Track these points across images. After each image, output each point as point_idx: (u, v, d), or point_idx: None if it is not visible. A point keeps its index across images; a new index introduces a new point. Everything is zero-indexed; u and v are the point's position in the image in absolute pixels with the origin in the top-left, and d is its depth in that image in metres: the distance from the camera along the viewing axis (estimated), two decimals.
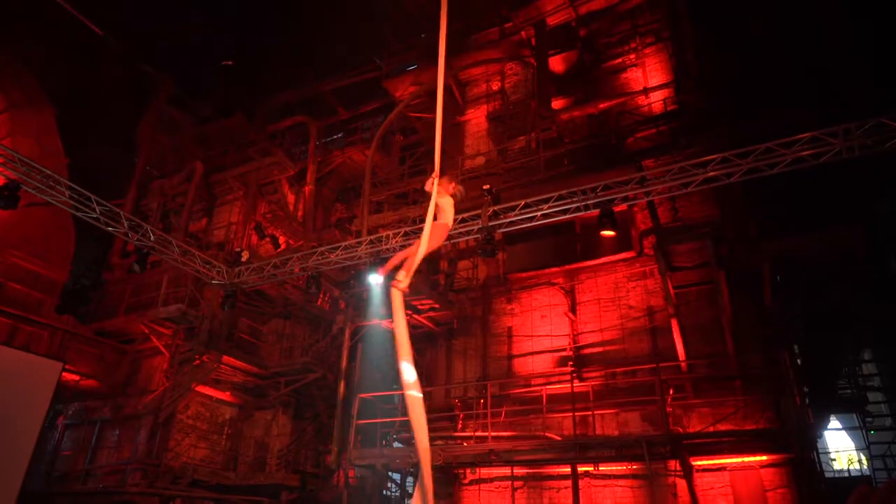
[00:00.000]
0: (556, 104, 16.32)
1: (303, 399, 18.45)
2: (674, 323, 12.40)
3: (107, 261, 19.72)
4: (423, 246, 5.49)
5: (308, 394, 18.20)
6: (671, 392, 12.30)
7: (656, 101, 15.24)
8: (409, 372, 5.18)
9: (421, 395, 5.22)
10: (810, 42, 13.24)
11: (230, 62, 22.42)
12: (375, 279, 13.32)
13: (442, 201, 5.66)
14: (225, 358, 16.37)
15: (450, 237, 12.36)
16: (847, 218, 11.34)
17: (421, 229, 5.72)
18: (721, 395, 11.87)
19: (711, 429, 11.68)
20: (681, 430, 11.91)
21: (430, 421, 15.40)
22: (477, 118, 18.15)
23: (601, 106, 15.41)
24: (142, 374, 17.19)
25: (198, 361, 16.05)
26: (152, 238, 12.86)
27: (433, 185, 5.70)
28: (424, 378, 15.66)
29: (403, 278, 5.38)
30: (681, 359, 12.30)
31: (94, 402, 17.02)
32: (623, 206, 12.24)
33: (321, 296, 18.47)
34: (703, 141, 12.54)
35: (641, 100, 15.51)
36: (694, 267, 12.92)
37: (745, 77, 13.40)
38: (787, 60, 13.15)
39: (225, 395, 17.38)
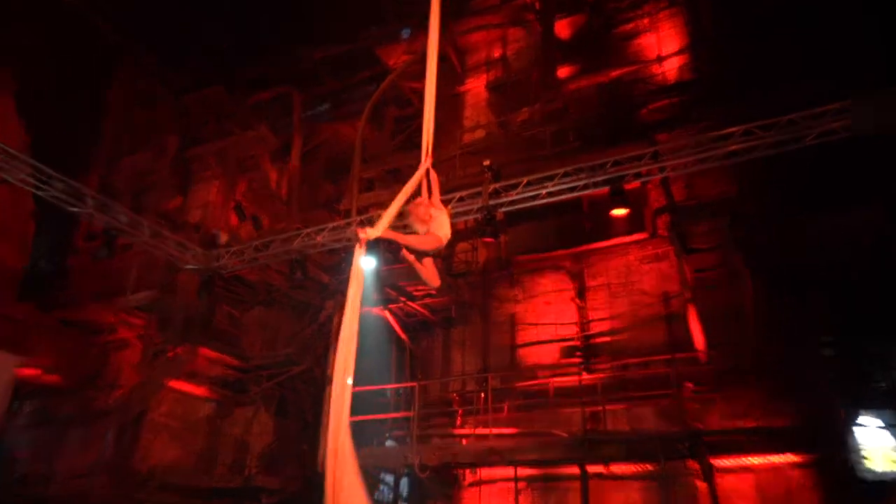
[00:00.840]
0: (563, 73, 16.26)
1: (287, 394, 18.41)
2: (691, 309, 12.45)
3: (71, 244, 19.60)
4: (403, 194, 5.43)
5: (293, 388, 18.18)
6: (688, 385, 12.25)
7: (671, 70, 15.22)
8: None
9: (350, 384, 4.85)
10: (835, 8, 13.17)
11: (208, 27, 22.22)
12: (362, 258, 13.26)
13: (437, 212, 5.57)
14: (201, 350, 16.35)
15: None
16: (869, 198, 11.34)
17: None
18: (743, 389, 11.79)
19: (733, 425, 11.57)
20: (700, 426, 11.78)
21: (425, 417, 15.44)
22: (476, 88, 18.09)
23: (611, 75, 15.39)
24: (110, 368, 17.13)
25: (172, 354, 16.03)
26: (121, 219, 12.77)
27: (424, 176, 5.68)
28: (420, 370, 15.70)
29: (374, 227, 5.12)
30: (699, 349, 12.31)
31: (58, 398, 16.97)
32: (635, 184, 12.20)
33: (307, 281, 18.42)
34: (721, 113, 12.48)
35: (655, 68, 15.47)
36: (712, 249, 12.97)
37: (764, 43, 13.34)
38: (810, 27, 13.08)
39: (201, 391, 17.29)
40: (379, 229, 5.11)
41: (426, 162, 5.96)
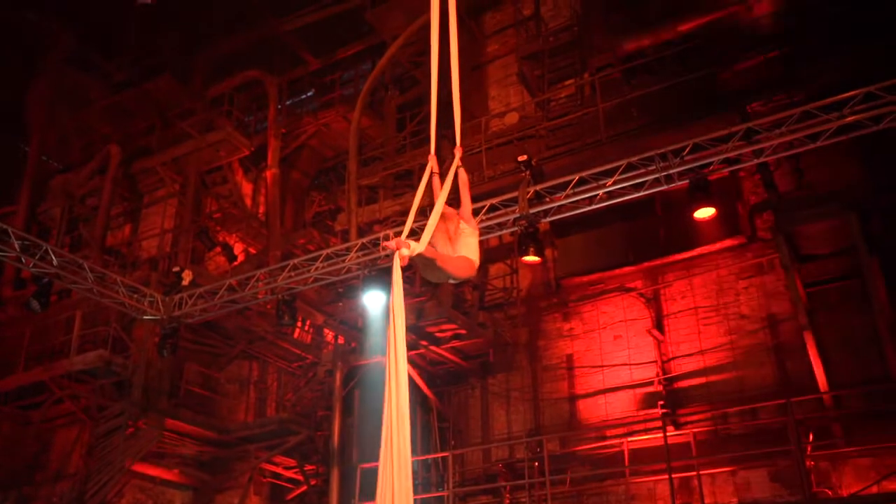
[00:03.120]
0: (617, 29, 16.02)
1: (281, 473, 18.36)
2: (808, 337, 12.18)
3: None
4: (441, 198, 5.39)
5: (288, 465, 18.10)
6: (811, 437, 12.03)
7: (764, 14, 14.89)
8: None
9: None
10: None
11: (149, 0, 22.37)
12: (376, 299, 13.24)
13: (466, 228, 5.55)
14: (169, 422, 16.35)
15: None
16: None
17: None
18: (888, 439, 11.49)
19: (876, 488, 11.40)
20: (829, 492, 11.69)
21: (463, 496, 15.38)
22: (503, 58, 18.00)
23: (682, 28, 15.09)
24: (54, 452, 17.16)
25: (131, 429, 16.03)
26: (55, 262, 12.83)
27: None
28: (453, 435, 15.58)
29: (414, 242, 4.96)
30: (822, 389, 12.08)
31: None
32: (724, 172, 12.12)
33: (299, 326, 18.38)
34: (836, 71, 12.19)
35: (742, 13, 15.18)
36: (833, 254, 12.70)
37: None
38: None
39: (172, 475, 17.33)
40: (422, 244, 4.95)
41: (456, 157, 5.83)
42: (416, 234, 5.41)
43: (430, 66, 5.95)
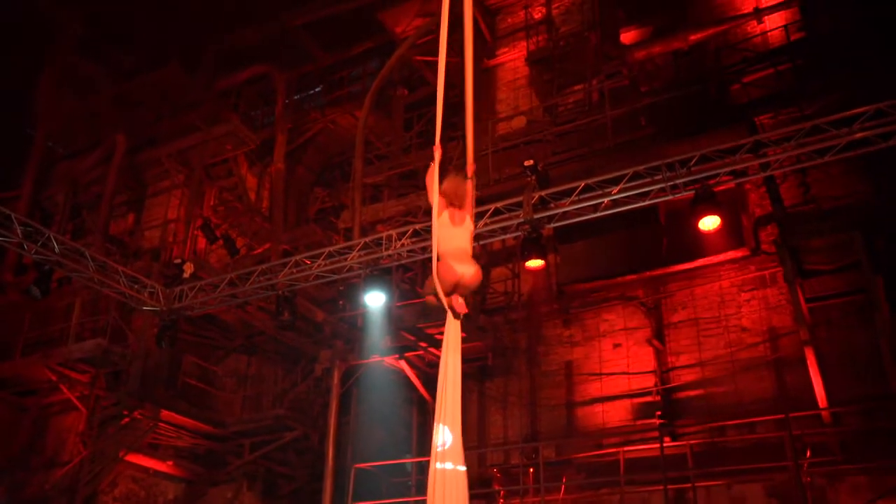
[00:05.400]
0: (627, 37, 16.13)
1: (276, 468, 18.37)
2: (809, 353, 12.14)
3: None
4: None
5: (283, 461, 18.14)
6: (808, 454, 11.99)
7: (774, 30, 14.91)
8: (444, 435, 5.09)
9: (464, 469, 5.08)
10: None
11: None
12: (376, 298, 13.21)
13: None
14: (164, 413, 16.36)
15: (478, 237, 12.18)
16: None
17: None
18: (886, 457, 11.37)
19: None
20: None
21: None
22: (513, 61, 17.99)
23: (692, 38, 15.11)
24: (49, 440, 17.20)
25: (127, 419, 16.07)
26: (56, 249, 12.81)
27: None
28: None
29: (460, 299, 5.19)
30: (821, 405, 12.05)
31: None
32: (730, 185, 12.00)
33: (298, 322, 18.36)
34: (845, 86, 12.16)
35: (752, 27, 15.18)
36: (837, 270, 12.65)
37: None
38: None
39: (166, 466, 17.38)
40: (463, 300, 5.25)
41: (470, 171, 5.77)
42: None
43: (439, 61, 5.90)
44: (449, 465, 5.04)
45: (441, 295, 5.16)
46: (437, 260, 5.25)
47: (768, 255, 13.55)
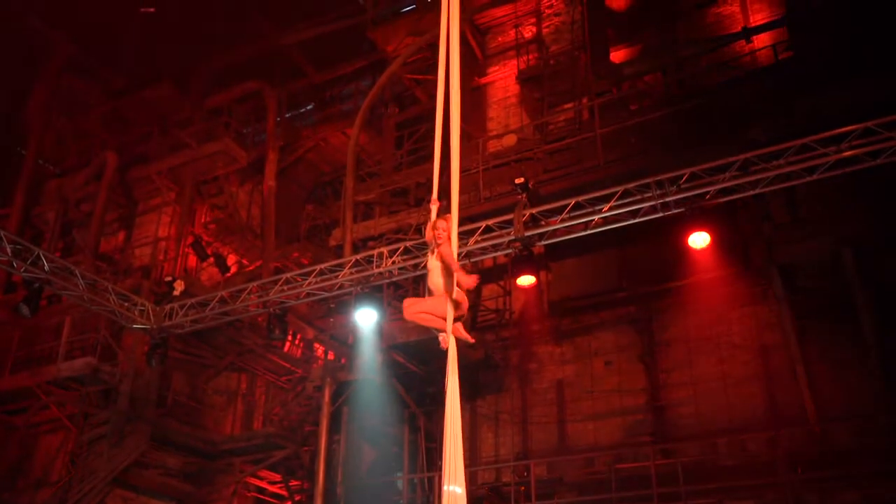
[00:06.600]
0: (617, 56, 16.12)
1: (267, 487, 18.29)
2: (799, 369, 12.29)
3: None
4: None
5: (274, 479, 18.05)
6: (799, 470, 12.02)
7: (762, 49, 14.99)
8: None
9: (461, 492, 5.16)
10: None
11: (151, 8, 22.44)
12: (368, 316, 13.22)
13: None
14: (154, 432, 16.23)
15: (469, 254, 12.20)
16: None
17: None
18: (876, 474, 11.47)
19: None
20: None
21: None
22: (503, 79, 18.06)
23: (682, 54, 15.20)
24: (37, 459, 17.07)
25: (116, 438, 15.92)
26: (46, 267, 12.75)
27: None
28: (439, 456, 15.42)
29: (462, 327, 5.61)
30: (812, 421, 12.14)
31: None
32: (720, 201, 11.83)
33: (289, 340, 18.31)
34: (833, 106, 12.23)
35: (741, 46, 15.25)
36: (827, 287, 12.76)
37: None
38: None
39: (156, 485, 17.14)
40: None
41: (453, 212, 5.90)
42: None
43: (449, 95, 6.00)
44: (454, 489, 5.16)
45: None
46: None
47: (759, 273, 13.57)
